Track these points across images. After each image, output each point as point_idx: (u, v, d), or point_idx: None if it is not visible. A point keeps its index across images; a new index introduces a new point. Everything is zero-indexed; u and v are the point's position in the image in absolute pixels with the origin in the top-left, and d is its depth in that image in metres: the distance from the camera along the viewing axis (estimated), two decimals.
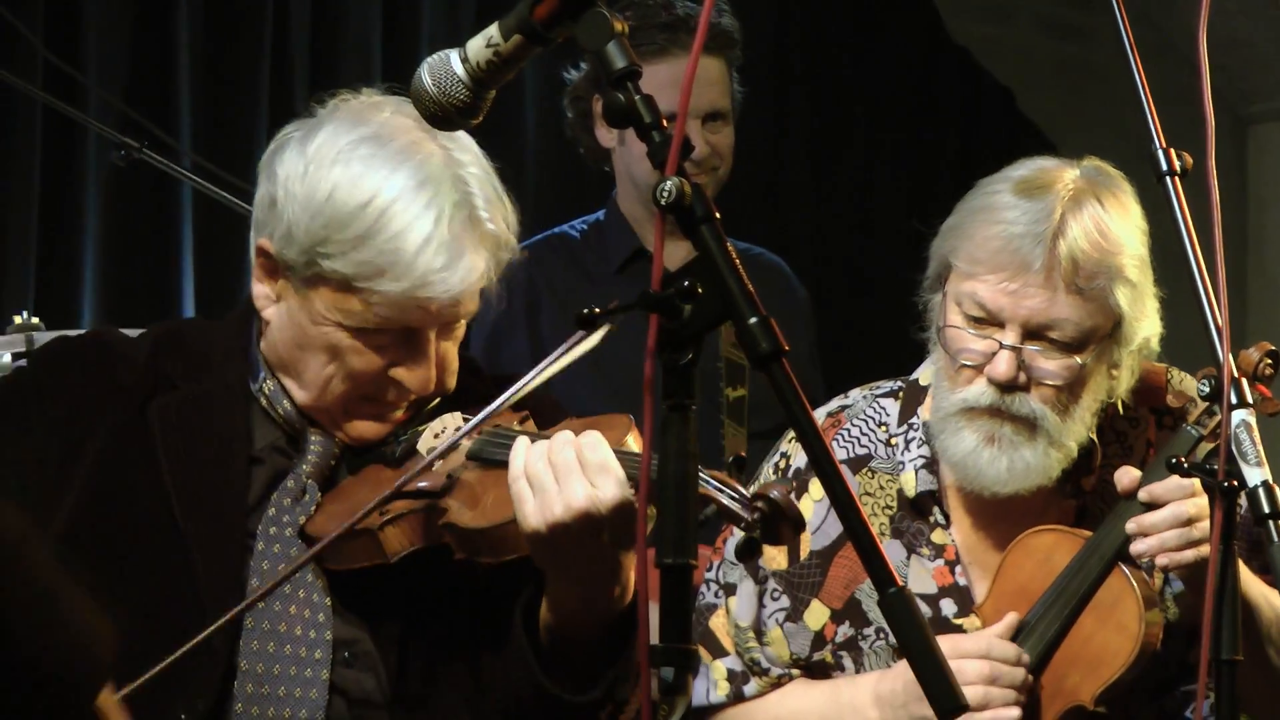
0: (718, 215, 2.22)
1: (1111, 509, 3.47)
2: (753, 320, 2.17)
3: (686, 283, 2.18)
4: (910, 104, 7.70)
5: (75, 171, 5.56)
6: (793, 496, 2.67)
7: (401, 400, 3.12)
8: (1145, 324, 3.46)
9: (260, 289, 3.12)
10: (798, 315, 5.24)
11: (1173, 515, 3.32)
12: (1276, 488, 2.73)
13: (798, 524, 2.65)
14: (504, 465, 2.93)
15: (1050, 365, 3.42)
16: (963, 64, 7.83)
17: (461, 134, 3.03)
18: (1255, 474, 2.71)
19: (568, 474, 2.86)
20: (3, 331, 4.54)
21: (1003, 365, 3.41)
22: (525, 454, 2.90)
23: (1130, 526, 3.37)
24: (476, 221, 3.02)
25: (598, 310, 2.30)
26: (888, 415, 3.66)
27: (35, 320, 4.51)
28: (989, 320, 3.43)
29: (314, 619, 3.03)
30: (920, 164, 7.64)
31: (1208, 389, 2.81)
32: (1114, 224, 3.41)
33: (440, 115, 2.50)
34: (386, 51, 6.19)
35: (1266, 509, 2.70)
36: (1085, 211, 3.41)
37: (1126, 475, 3.40)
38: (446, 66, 2.47)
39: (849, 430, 3.64)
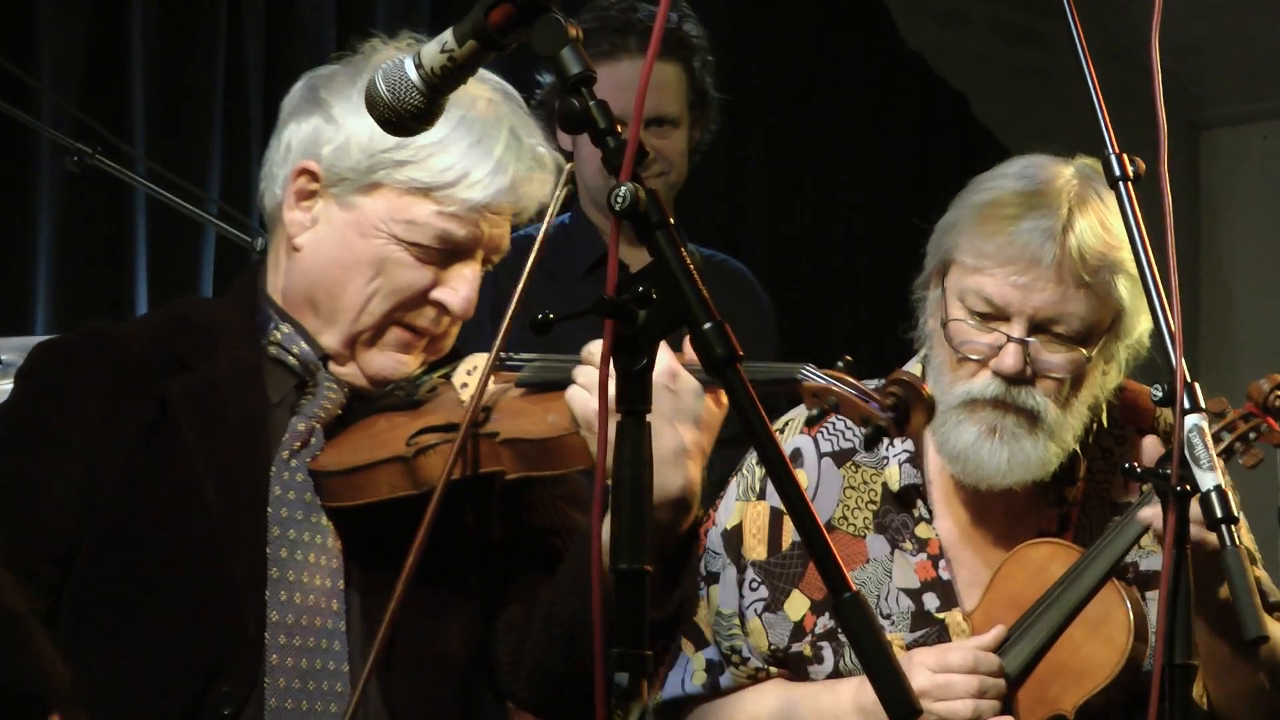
0: (673, 221, 2.22)
1: (1104, 523, 3.51)
2: (707, 325, 2.17)
3: (642, 288, 2.18)
4: (865, 109, 7.70)
5: (28, 177, 5.52)
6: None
7: (432, 330, 3.15)
8: (1142, 318, 3.50)
9: (295, 216, 3.16)
10: (761, 322, 5.22)
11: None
12: (1229, 492, 2.73)
13: (931, 406, 2.66)
14: (561, 385, 2.97)
15: (1055, 358, 3.48)
16: (918, 70, 7.84)
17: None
18: (1208, 478, 2.71)
19: None
20: None
21: (1010, 358, 3.46)
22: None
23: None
24: (538, 154, 3.15)
25: (551, 316, 2.30)
26: None
27: None
28: (994, 314, 3.48)
29: (330, 566, 3.06)
30: (875, 170, 7.64)
31: (1160, 394, 2.81)
32: (1114, 220, 3.46)
33: (394, 120, 2.50)
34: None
35: (1219, 514, 2.71)
36: (1090, 207, 3.47)
37: (1152, 445, 3.28)
38: (401, 72, 2.48)
39: (833, 424, 3.67)
